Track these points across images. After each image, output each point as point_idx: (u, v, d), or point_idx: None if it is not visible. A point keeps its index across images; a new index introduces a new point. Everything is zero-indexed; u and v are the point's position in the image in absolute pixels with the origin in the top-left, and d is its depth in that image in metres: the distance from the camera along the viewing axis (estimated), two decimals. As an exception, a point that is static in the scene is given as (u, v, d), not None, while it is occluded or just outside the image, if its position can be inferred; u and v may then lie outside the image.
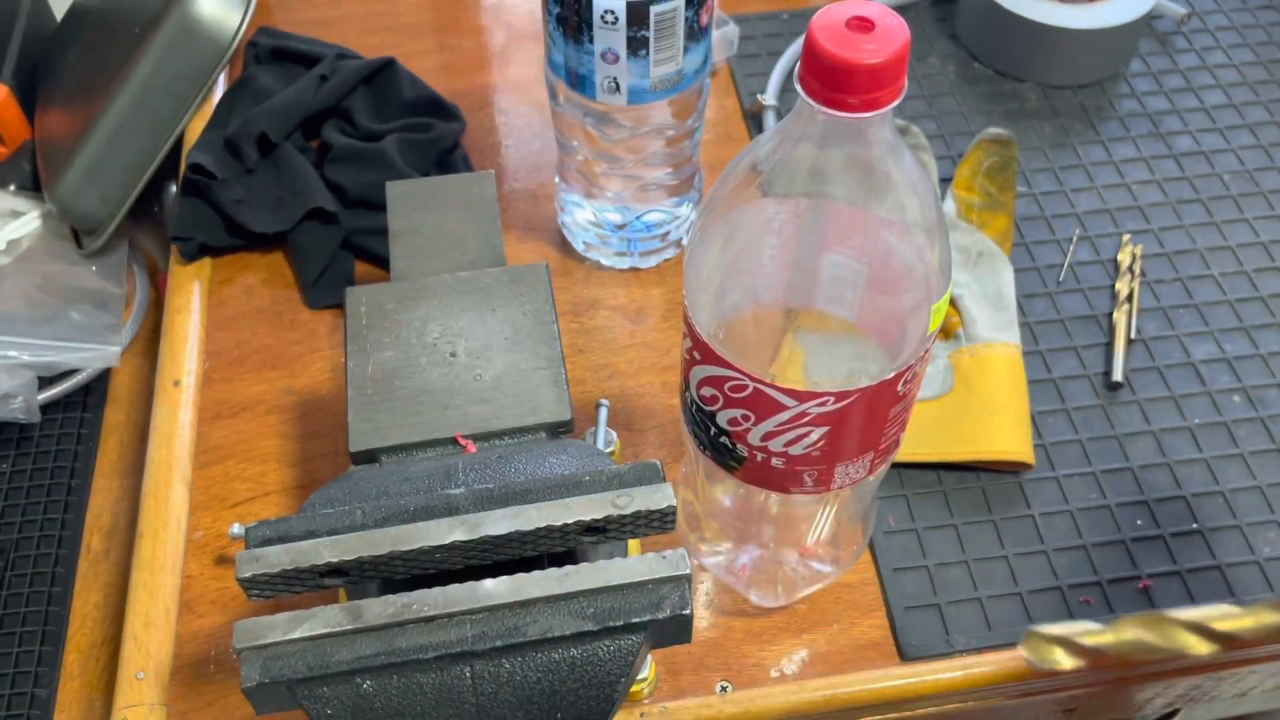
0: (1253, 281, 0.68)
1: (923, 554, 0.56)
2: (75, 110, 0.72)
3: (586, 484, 0.42)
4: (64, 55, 0.78)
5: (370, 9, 0.85)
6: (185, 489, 0.60)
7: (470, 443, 0.48)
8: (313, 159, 0.72)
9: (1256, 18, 0.84)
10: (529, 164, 0.75)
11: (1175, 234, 0.71)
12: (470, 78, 0.80)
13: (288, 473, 0.60)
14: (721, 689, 0.52)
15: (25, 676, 0.57)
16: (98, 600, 0.60)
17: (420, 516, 0.42)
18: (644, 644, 0.40)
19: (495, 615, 0.39)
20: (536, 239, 0.70)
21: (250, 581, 0.40)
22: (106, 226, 0.70)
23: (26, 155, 0.74)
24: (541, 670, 0.39)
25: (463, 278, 0.53)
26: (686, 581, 0.40)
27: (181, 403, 0.63)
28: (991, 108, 0.78)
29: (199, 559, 0.57)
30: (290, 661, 0.38)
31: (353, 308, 0.52)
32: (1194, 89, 0.79)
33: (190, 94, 0.72)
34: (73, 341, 0.66)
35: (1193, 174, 0.74)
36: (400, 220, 0.57)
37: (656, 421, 0.62)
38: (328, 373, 0.64)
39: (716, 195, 0.42)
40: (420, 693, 0.39)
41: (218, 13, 0.71)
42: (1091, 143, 0.76)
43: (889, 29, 0.33)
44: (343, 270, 0.68)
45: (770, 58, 0.80)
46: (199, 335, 0.66)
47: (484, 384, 0.49)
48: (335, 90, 0.74)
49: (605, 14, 0.54)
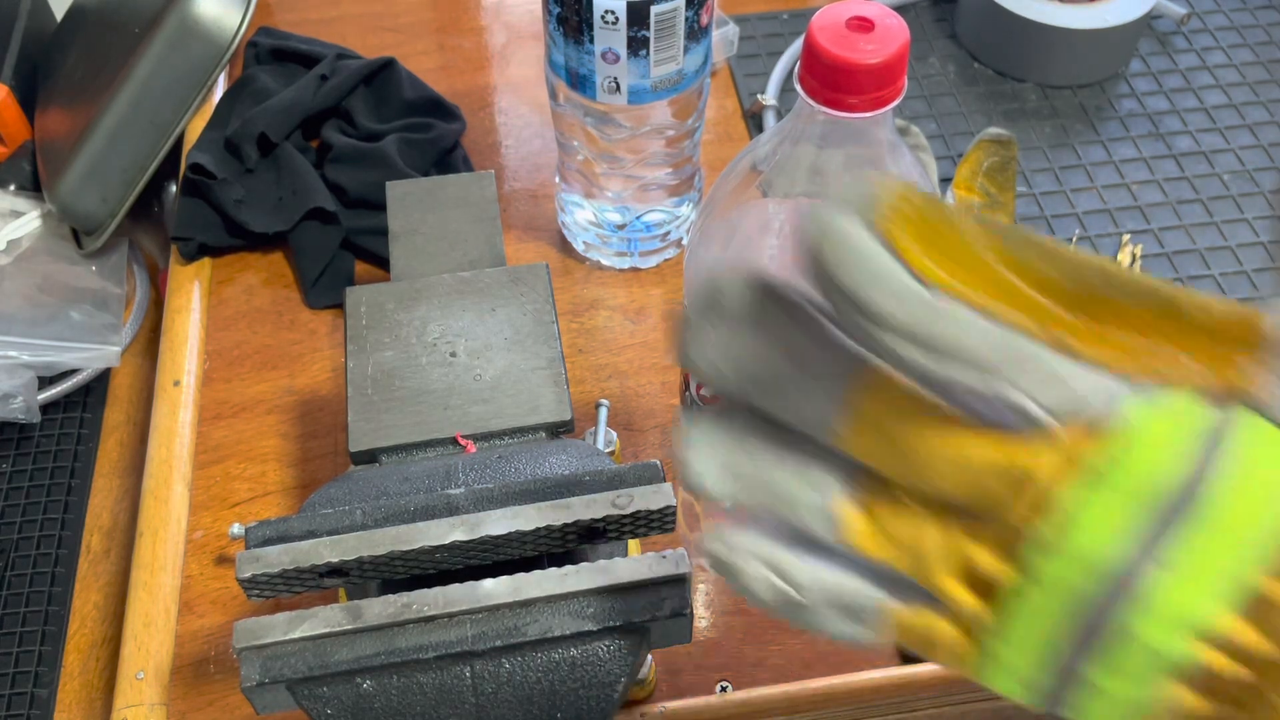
0: (1253, 282, 0.68)
1: (923, 554, 0.56)
2: (75, 110, 0.72)
3: (586, 484, 0.42)
4: (64, 55, 0.78)
5: (370, 9, 0.85)
6: (185, 489, 0.60)
7: (470, 443, 0.48)
8: (313, 159, 0.72)
9: (1256, 18, 0.84)
10: (529, 164, 0.75)
11: (1175, 234, 0.71)
12: (470, 78, 0.80)
13: (288, 473, 0.60)
14: (721, 689, 0.52)
15: (25, 676, 0.57)
16: (98, 600, 0.60)
17: (420, 516, 0.42)
18: (644, 644, 0.40)
19: (495, 615, 0.39)
20: (536, 239, 0.70)
21: (250, 581, 0.40)
22: (106, 226, 0.70)
23: (26, 155, 0.74)
24: (541, 670, 0.39)
25: (463, 278, 0.53)
26: (686, 581, 0.40)
27: (181, 402, 0.63)
28: (991, 108, 0.78)
29: (199, 559, 0.57)
30: (290, 661, 0.38)
31: (353, 308, 0.52)
32: (1194, 89, 0.79)
33: (190, 94, 0.72)
34: (73, 341, 0.66)
35: (1193, 174, 0.74)
36: (400, 220, 0.57)
37: (656, 421, 0.62)
38: (328, 373, 0.64)
39: (716, 195, 0.42)
40: (420, 692, 0.39)
41: (217, 13, 0.71)
42: (1091, 143, 0.76)
43: (889, 29, 0.33)
44: (343, 270, 0.68)
45: (770, 58, 0.80)
46: (199, 335, 0.66)
47: (484, 384, 0.49)
48: (335, 90, 0.74)
49: (605, 14, 0.54)
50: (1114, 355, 0.24)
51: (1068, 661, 0.26)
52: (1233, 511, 0.23)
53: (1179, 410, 0.24)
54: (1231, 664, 0.24)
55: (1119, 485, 0.24)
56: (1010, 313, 0.23)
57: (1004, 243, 0.23)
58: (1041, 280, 0.23)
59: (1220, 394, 0.24)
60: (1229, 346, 0.24)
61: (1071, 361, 0.23)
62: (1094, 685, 0.26)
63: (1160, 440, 0.23)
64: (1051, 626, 0.25)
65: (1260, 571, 0.23)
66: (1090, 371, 0.23)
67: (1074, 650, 0.25)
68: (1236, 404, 0.24)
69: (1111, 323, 0.24)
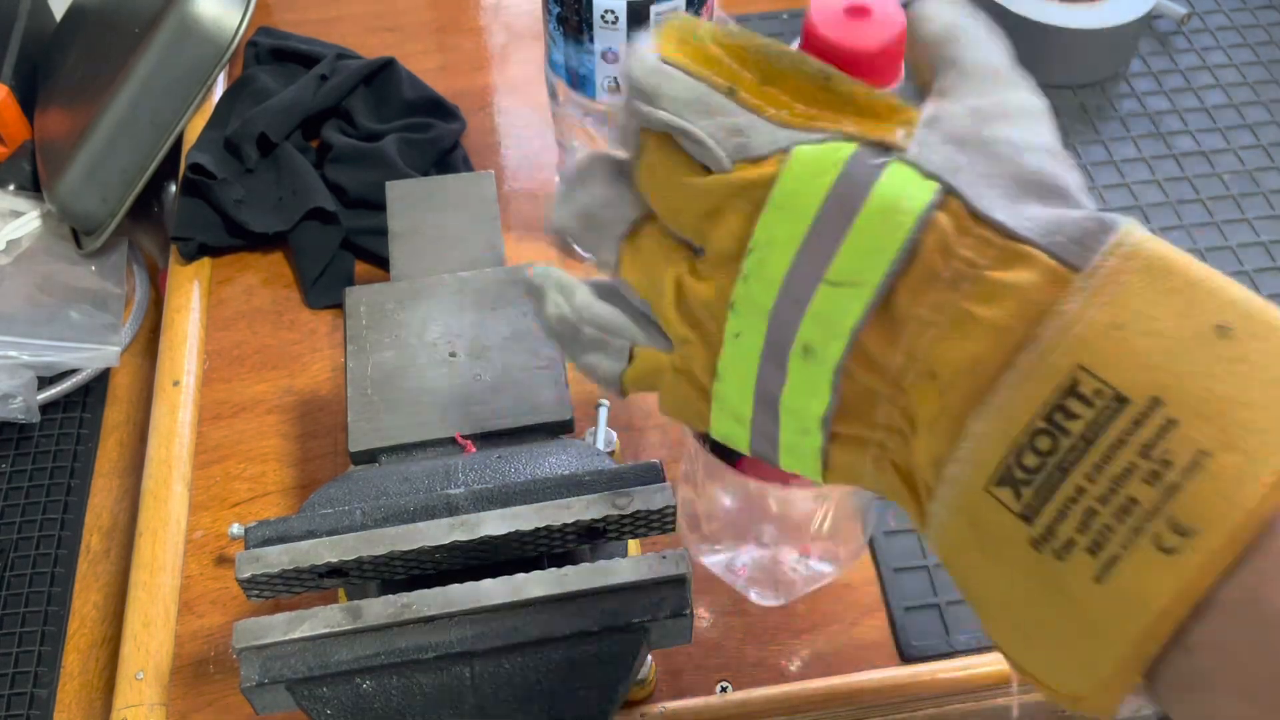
0: (1254, 282, 0.68)
1: (923, 554, 0.56)
2: (75, 110, 0.72)
3: (586, 484, 0.42)
4: (64, 55, 0.77)
5: (370, 9, 0.85)
6: (185, 489, 0.60)
7: (470, 443, 0.48)
8: (313, 159, 0.72)
9: (1257, 17, 0.84)
10: (529, 164, 0.75)
11: (1176, 234, 0.71)
12: (470, 78, 0.80)
13: (287, 473, 0.60)
14: (721, 689, 0.52)
15: (25, 676, 0.57)
16: (97, 600, 0.60)
17: (420, 517, 0.42)
18: (644, 644, 0.40)
19: (495, 615, 0.39)
20: (536, 239, 0.70)
21: (250, 582, 0.40)
22: (106, 226, 0.70)
23: (26, 155, 0.74)
24: (541, 670, 0.39)
25: (463, 278, 0.53)
26: (686, 582, 0.40)
27: (181, 402, 0.63)
28: (992, 108, 0.78)
29: (198, 559, 0.57)
30: (290, 661, 0.38)
31: (352, 308, 0.52)
32: (1194, 89, 0.79)
33: (190, 94, 0.72)
34: (72, 341, 0.66)
35: (1193, 174, 0.74)
36: (400, 220, 0.57)
37: (656, 421, 0.62)
38: (327, 373, 0.64)
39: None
40: (420, 693, 0.39)
41: (217, 12, 0.71)
42: (1092, 143, 0.76)
43: (886, 15, 0.33)
44: (343, 270, 0.68)
45: (770, 58, 0.80)
46: (199, 335, 0.66)
47: (484, 384, 0.49)
48: (335, 90, 0.74)
49: (606, 14, 0.54)
50: (790, 116, 0.30)
51: (767, 385, 0.31)
52: (868, 224, 0.29)
53: (834, 149, 0.29)
54: (870, 373, 0.29)
55: (789, 211, 0.30)
56: (712, 76, 0.31)
57: (726, 36, 0.32)
58: (745, 59, 0.31)
59: (876, 146, 0.29)
60: (884, 118, 0.30)
61: (749, 112, 0.30)
62: (784, 407, 0.31)
63: (822, 168, 0.29)
64: (752, 351, 0.31)
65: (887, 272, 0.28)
66: (764, 122, 0.30)
67: (769, 373, 0.31)
68: (890, 156, 0.29)
69: (794, 94, 0.31)
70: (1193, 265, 0.27)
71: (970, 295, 0.28)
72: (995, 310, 0.27)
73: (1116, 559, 0.25)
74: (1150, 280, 0.27)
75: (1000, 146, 0.30)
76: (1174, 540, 0.25)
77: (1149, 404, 0.25)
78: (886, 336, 0.29)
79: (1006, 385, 0.27)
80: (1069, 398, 0.26)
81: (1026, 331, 0.27)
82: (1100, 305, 0.26)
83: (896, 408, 0.29)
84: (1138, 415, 0.25)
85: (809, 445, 0.32)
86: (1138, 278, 0.27)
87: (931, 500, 0.29)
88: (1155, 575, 0.25)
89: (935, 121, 0.30)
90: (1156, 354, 0.26)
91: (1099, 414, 0.26)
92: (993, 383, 0.27)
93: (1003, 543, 0.27)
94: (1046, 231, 0.28)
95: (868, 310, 0.29)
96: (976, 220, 0.28)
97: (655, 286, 0.34)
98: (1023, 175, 0.29)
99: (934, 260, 0.28)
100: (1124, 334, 0.26)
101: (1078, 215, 0.28)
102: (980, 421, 0.27)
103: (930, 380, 0.28)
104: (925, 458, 0.29)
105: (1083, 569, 0.26)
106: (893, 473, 0.31)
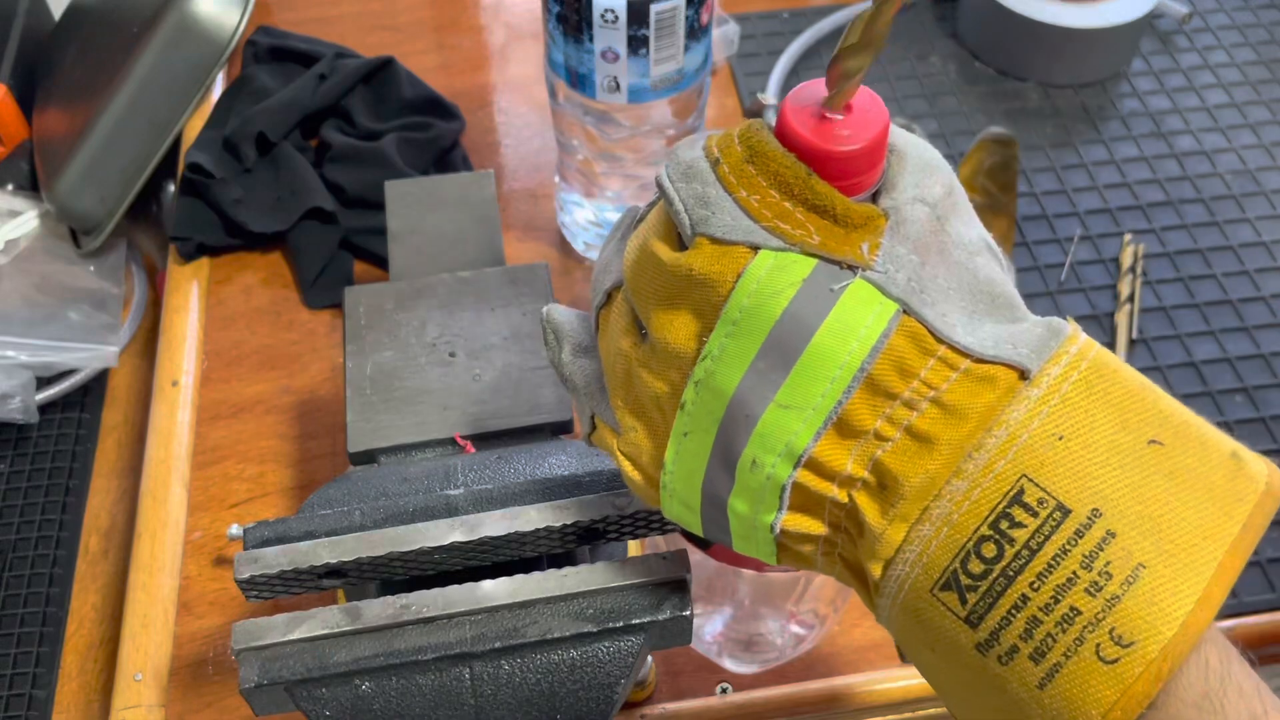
0: (1254, 281, 0.68)
1: (924, 555, 0.56)
2: (73, 110, 0.72)
3: (586, 484, 0.42)
4: (62, 55, 0.77)
5: (369, 8, 0.85)
6: (183, 489, 0.59)
7: (469, 443, 0.47)
8: (311, 158, 0.72)
9: (1258, 17, 0.84)
10: (529, 164, 0.74)
11: (1177, 234, 0.71)
12: (470, 77, 0.80)
13: (286, 473, 0.60)
14: (721, 690, 0.52)
15: (23, 677, 0.56)
16: (96, 601, 0.60)
17: (419, 517, 0.41)
18: (644, 645, 0.40)
19: (494, 616, 0.39)
20: (536, 239, 0.70)
21: (249, 582, 0.40)
22: (104, 226, 0.70)
23: (24, 155, 0.74)
24: (541, 672, 0.39)
25: (462, 278, 0.53)
26: (686, 583, 0.40)
27: (180, 403, 0.62)
28: (993, 107, 0.78)
29: (197, 560, 0.57)
30: (289, 663, 0.38)
31: (351, 308, 0.52)
32: (1195, 88, 0.79)
33: (189, 93, 0.72)
34: (71, 341, 0.66)
35: (1194, 173, 0.74)
36: (399, 220, 0.57)
37: (656, 422, 0.61)
38: (326, 373, 0.64)
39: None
40: (419, 694, 0.39)
41: (216, 12, 0.71)
42: (1093, 142, 0.76)
43: (866, 111, 0.30)
44: (342, 270, 0.68)
45: (770, 57, 0.80)
46: (197, 335, 0.66)
47: (483, 384, 0.49)
48: (334, 89, 0.74)
49: (605, 13, 0.54)
50: (760, 205, 0.30)
51: (715, 487, 0.31)
52: (820, 353, 0.29)
53: (793, 266, 0.29)
54: (820, 481, 0.29)
55: (741, 328, 0.29)
56: (713, 146, 0.31)
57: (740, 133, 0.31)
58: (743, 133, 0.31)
59: (840, 262, 0.29)
60: (856, 227, 0.29)
61: (721, 188, 0.30)
62: (732, 509, 0.31)
63: (777, 288, 0.29)
64: (701, 451, 0.31)
65: (840, 399, 0.29)
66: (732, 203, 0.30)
67: (718, 476, 0.31)
68: (853, 274, 0.29)
69: (771, 180, 0.30)
70: (1131, 377, 0.28)
71: (931, 417, 0.28)
72: (956, 431, 0.28)
73: (1059, 667, 0.26)
74: (1089, 391, 0.28)
75: (956, 252, 0.30)
76: (1115, 651, 0.26)
77: (1090, 515, 0.26)
78: (839, 447, 0.29)
79: (954, 491, 0.28)
80: (1014, 506, 0.27)
81: (979, 441, 0.28)
82: (1044, 415, 0.27)
83: (843, 510, 0.30)
84: (1079, 526, 0.26)
85: (760, 538, 0.32)
86: (1078, 389, 0.28)
87: (879, 595, 0.30)
88: (1096, 684, 0.26)
89: (899, 227, 0.30)
90: (1095, 465, 0.27)
91: (1043, 523, 0.27)
92: (940, 489, 0.28)
93: (949, 644, 0.28)
94: (1008, 348, 0.29)
95: (817, 435, 0.29)
96: (939, 341, 0.29)
97: (609, 368, 0.34)
98: (977, 287, 0.30)
99: (891, 381, 0.29)
100: (1067, 445, 0.27)
101: (1029, 325, 0.29)
102: (927, 525, 0.28)
103: (880, 491, 0.29)
104: (872, 559, 0.29)
105: (1027, 675, 0.27)
106: (842, 565, 0.31)
